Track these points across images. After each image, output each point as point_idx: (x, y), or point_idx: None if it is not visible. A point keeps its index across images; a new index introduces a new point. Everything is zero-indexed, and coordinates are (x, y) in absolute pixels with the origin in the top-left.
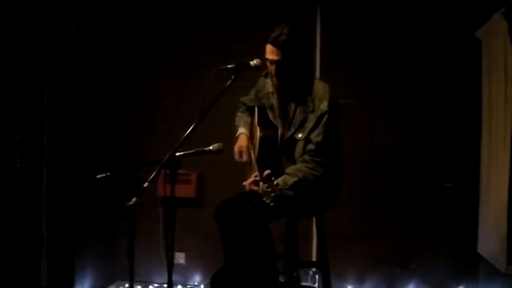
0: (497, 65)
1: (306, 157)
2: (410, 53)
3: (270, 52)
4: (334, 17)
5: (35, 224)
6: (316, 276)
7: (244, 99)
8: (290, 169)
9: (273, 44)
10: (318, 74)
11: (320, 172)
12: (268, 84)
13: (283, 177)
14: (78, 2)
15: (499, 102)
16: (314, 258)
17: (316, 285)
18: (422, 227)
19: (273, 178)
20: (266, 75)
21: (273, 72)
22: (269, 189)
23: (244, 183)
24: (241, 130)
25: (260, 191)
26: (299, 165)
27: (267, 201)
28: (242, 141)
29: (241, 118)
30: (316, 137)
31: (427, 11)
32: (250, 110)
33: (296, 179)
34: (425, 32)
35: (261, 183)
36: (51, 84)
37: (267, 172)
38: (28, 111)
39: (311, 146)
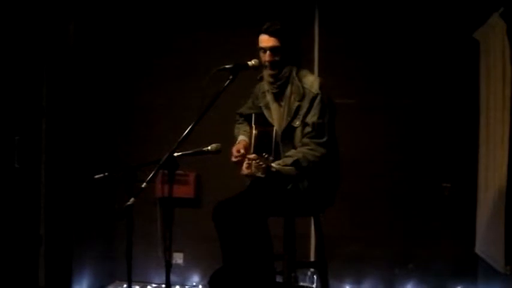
0: (495, 65)
1: (305, 140)
2: (408, 54)
3: (265, 40)
4: (333, 18)
5: (33, 224)
6: (314, 276)
7: (240, 110)
8: (290, 152)
9: (267, 32)
10: (316, 73)
11: (321, 152)
12: (263, 85)
13: (283, 158)
14: (76, 1)
15: (496, 102)
16: (312, 259)
17: (314, 285)
18: (421, 227)
19: (264, 154)
20: (261, 79)
21: (268, 59)
22: (260, 163)
23: (241, 172)
24: (241, 137)
25: (253, 170)
26: (299, 148)
27: (258, 174)
28: (240, 144)
29: (241, 128)
30: (311, 118)
31: (425, 12)
32: (248, 121)
33: (296, 158)
34: (423, 32)
35: (253, 162)
36: (50, 84)
37: (253, 155)
38: (26, 111)
39: (308, 129)
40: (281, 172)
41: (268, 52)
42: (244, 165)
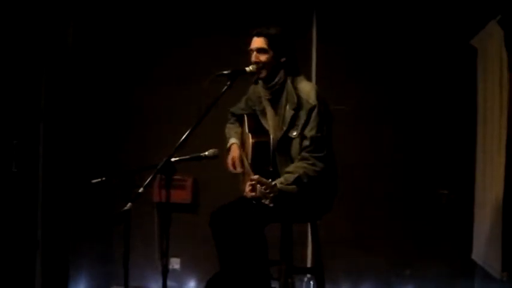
0: (493, 71)
1: (304, 154)
2: (406, 60)
3: (252, 42)
4: (331, 24)
5: (30, 228)
6: (311, 282)
7: (233, 109)
8: (290, 167)
9: (259, 35)
10: (314, 79)
11: (320, 167)
12: (258, 90)
13: (284, 175)
14: (75, 5)
15: (494, 108)
16: (309, 265)
17: None
18: (418, 233)
19: (270, 180)
20: (256, 82)
21: (253, 59)
22: (267, 191)
23: (244, 194)
24: (232, 140)
25: (258, 194)
26: (299, 163)
27: (266, 203)
28: (234, 152)
29: (232, 129)
30: (309, 131)
31: (423, 19)
32: (239, 121)
33: (297, 175)
34: (421, 39)
35: (258, 186)
36: (48, 88)
37: (256, 176)
38: (24, 115)
39: (306, 142)
40: (284, 191)
41: (254, 53)
42: (248, 186)
